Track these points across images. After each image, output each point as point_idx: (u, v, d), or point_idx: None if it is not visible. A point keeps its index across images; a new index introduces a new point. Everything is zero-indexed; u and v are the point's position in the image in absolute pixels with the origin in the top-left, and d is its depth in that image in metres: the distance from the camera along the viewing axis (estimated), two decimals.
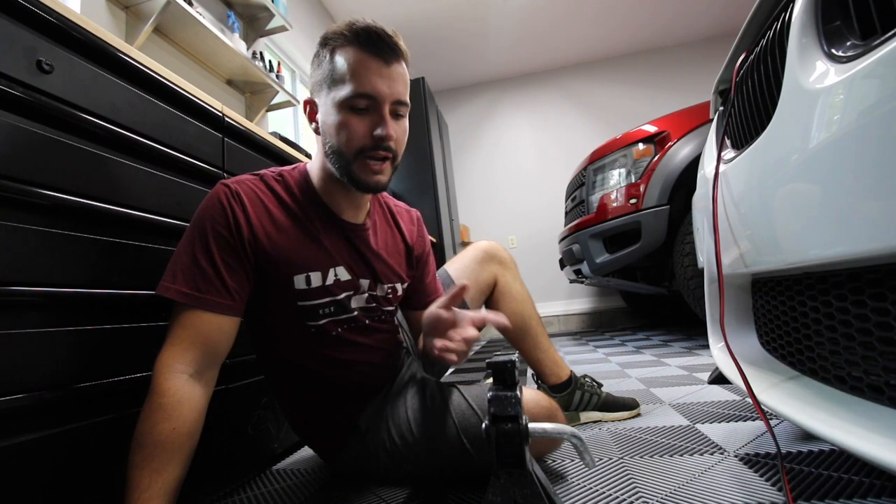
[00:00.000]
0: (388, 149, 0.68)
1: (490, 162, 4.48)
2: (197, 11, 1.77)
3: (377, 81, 0.65)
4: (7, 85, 0.53)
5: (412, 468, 0.77)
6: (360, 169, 0.68)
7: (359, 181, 0.69)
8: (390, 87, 0.66)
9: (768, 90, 0.58)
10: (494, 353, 2.60)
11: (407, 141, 0.73)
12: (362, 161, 0.67)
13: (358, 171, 0.68)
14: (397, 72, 0.68)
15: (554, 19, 3.71)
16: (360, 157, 0.67)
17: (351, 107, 0.66)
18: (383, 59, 0.66)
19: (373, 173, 0.68)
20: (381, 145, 0.67)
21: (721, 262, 0.71)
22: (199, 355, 0.60)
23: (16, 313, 0.52)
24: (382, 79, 0.66)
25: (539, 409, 0.74)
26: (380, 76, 0.65)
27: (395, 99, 0.67)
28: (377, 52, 0.65)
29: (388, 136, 0.66)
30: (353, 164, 0.68)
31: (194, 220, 0.65)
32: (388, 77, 0.66)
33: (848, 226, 0.40)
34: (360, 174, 0.68)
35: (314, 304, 0.71)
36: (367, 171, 0.68)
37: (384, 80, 0.66)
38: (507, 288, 1.04)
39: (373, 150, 0.67)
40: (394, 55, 0.67)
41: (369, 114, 0.66)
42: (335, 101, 0.67)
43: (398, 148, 0.70)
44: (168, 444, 0.54)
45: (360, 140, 0.66)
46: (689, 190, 1.90)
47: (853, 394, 0.46)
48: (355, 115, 0.66)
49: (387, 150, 0.68)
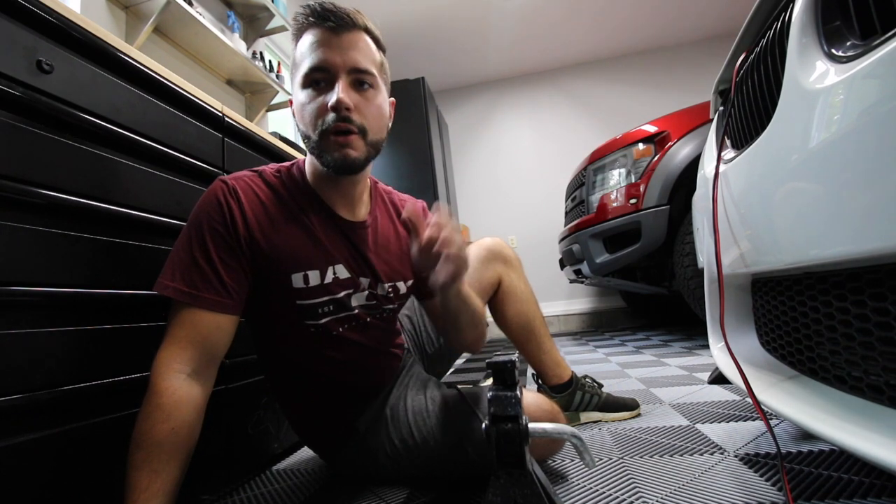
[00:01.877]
0: (348, 119, 0.64)
1: (490, 162, 4.48)
2: (197, 11, 1.77)
3: (326, 52, 0.64)
4: (7, 85, 0.53)
5: (412, 468, 0.77)
6: (326, 147, 0.65)
7: (329, 161, 0.66)
8: (342, 55, 0.64)
9: (768, 90, 0.58)
10: (494, 353, 2.59)
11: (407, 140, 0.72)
12: (326, 139, 0.65)
13: (325, 150, 0.66)
14: (350, 40, 0.65)
15: (554, 19, 3.71)
16: (324, 137, 0.65)
17: (309, 84, 0.65)
18: (332, 31, 0.64)
19: (339, 146, 0.65)
20: (339, 115, 0.64)
21: (721, 262, 0.71)
22: (197, 354, 0.60)
23: (16, 313, 0.52)
24: (332, 48, 0.64)
25: (541, 412, 0.73)
26: (329, 46, 0.64)
27: (350, 67, 0.65)
28: (324, 23, 0.64)
29: (340, 101, 0.63)
30: (321, 144, 0.66)
31: (192, 217, 0.65)
32: (340, 46, 0.64)
33: (848, 226, 0.40)
34: (328, 152, 0.65)
35: (313, 304, 0.70)
36: (333, 146, 0.65)
37: (334, 49, 0.64)
38: (511, 288, 1.02)
39: (333, 123, 0.64)
40: (344, 24, 0.65)
41: (327, 88, 0.65)
42: (297, 86, 0.67)
43: (363, 119, 0.66)
44: (167, 444, 0.54)
45: (319, 116, 0.64)
46: (689, 190, 1.90)
47: (853, 394, 0.46)
48: (312, 92, 0.65)
49: (346, 120, 0.64)
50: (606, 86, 4.35)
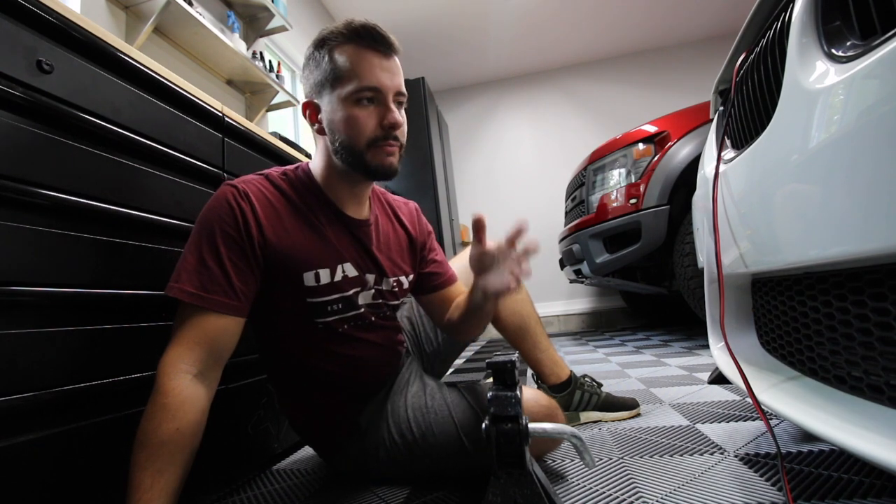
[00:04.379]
0: (397, 137, 0.71)
1: (490, 162, 4.48)
2: (197, 11, 1.77)
3: (380, 74, 0.68)
4: (7, 85, 0.53)
5: (412, 467, 0.77)
6: (373, 157, 0.70)
7: (374, 168, 0.71)
8: (392, 79, 0.70)
9: (768, 90, 0.58)
10: (494, 353, 2.60)
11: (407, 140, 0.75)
12: (375, 150, 0.70)
13: (372, 159, 0.70)
14: (396, 65, 0.71)
15: (554, 19, 3.71)
16: (371, 147, 0.69)
17: (357, 100, 0.68)
18: (383, 53, 0.70)
19: (387, 156, 0.70)
20: (391, 134, 0.70)
21: (721, 262, 0.71)
22: (203, 355, 0.60)
23: (16, 313, 0.52)
24: (384, 71, 0.69)
25: (539, 408, 0.74)
26: (382, 69, 0.69)
27: (396, 90, 0.70)
28: (376, 46, 0.69)
29: (398, 122, 0.70)
30: (366, 154, 0.70)
31: (201, 221, 0.65)
32: (389, 70, 0.70)
33: (848, 226, 0.40)
34: (376, 160, 0.70)
35: (323, 301, 0.72)
36: (382, 155, 0.70)
37: (386, 72, 0.69)
38: None
39: (384, 139, 0.69)
40: (391, 49, 0.71)
41: (375, 106, 0.69)
42: (341, 98, 0.69)
43: (403, 137, 0.73)
44: (171, 444, 0.54)
45: (370, 131, 0.69)
46: (689, 190, 1.90)
47: (853, 394, 0.46)
48: (362, 109, 0.69)
49: (396, 138, 0.71)
50: (606, 86, 4.35)
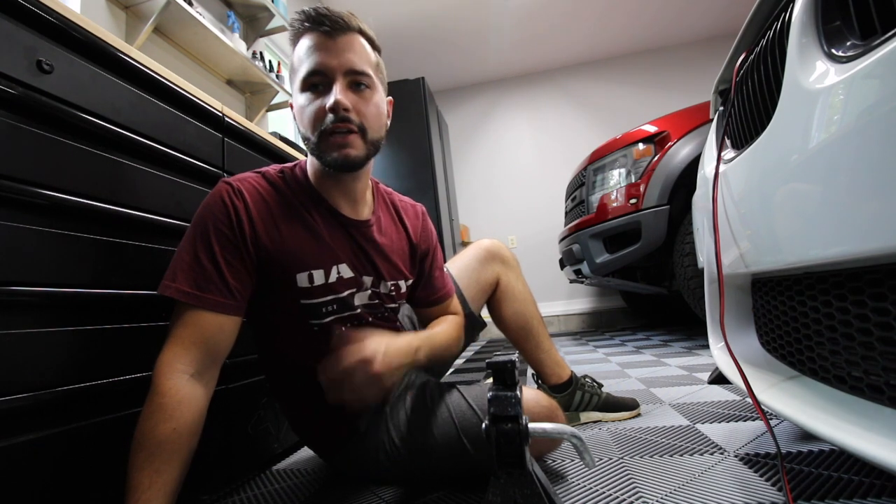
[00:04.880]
0: (347, 119, 0.66)
1: (490, 162, 4.48)
2: (197, 11, 1.77)
3: (322, 55, 0.66)
4: (7, 85, 0.53)
5: (412, 468, 0.77)
6: (326, 148, 0.67)
7: (329, 160, 0.67)
8: (339, 58, 0.66)
9: (768, 90, 0.58)
10: (494, 353, 2.60)
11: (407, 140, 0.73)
12: (325, 139, 0.67)
13: (325, 150, 0.67)
14: (345, 42, 0.67)
15: (554, 19, 3.71)
16: (324, 137, 0.66)
17: (307, 88, 0.67)
18: (326, 34, 0.66)
19: (339, 147, 0.66)
20: (337, 116, 0.65)
21: (721, 262, 0.71)
22: (199, 355, 0.60)
23: (16, 313, 0.52)
24: (328, 52, 0.66)
25: (539, 408, 0.74)
26: (325, 49, 0.66)
27: (346, 69, 0.66)
28: (319, 27, 0.66)
29: (338, 103, 0.64)
30: (321, 145, 0.67)
31: (196, 219, 0.65)
32: (335, 49, 0.66)
33: (848, 226, 0.40)
34: (328, 152, 0.67)
35: (317, 303, 0.71)
36: (333, 146, 0.67)
37: (329, 52, 0.66)
38: (509, 288, 1.04)
39: (332, 124, 0.66)
40: (339, 27, 0.67)
41: (324, 91, 0.66)
42: (296, 90, 0.68)
43: (363, 119, 0.68)
44: (169, 444, 0.54)
45: (318, 118, 0.66)
46: (689, 190, 1.90)
47: (853, 394, 0.46)
48: (311, 94, 0.67)
49: (345, 120, 0.66)
50: (606, 86, 4.34)
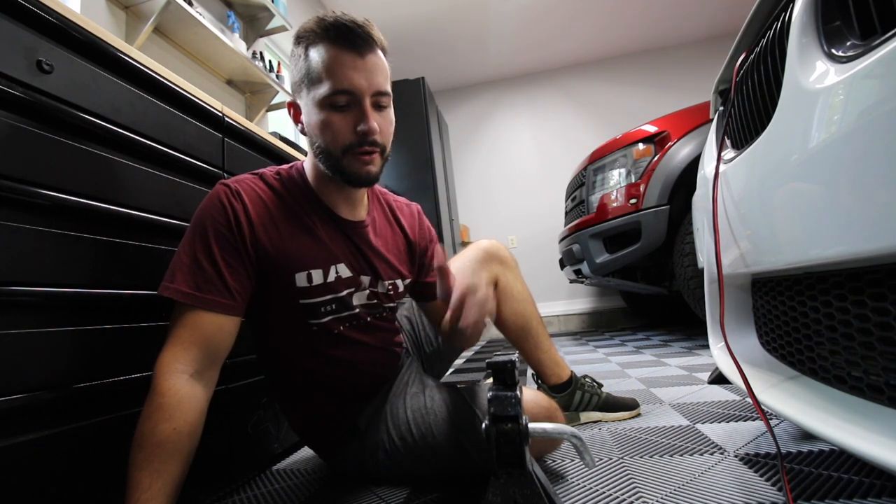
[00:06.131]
0: (374, 143, 0.67)
1: (490, 162, 4.48)
2: (197, 11, 1.77)
3: (353, 75, 0.64)
4: (7, 85, 0.53)
5: (411, 468, 0.77)
6: (349, 164, 0.68)
7: (350, 176, 0.69)
8: (367, 79, 0.65)
9: (768, 90, 0.58)
10: (494, 353, 2.60)
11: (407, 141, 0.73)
12: (350, 157, 0.67)
13: (348, 167, 0.68)
14: (373, 62, 0.66)
15: (554, 19, 3.71)
16: (347, 154, 0.67)
17: (331, 104, 0.65)
18: (357, 52, 0.65)
19: (363, 165, 0.68)
20: (366, 140, 0.66)
21: (721, 262, 0.71)
22: (199, 355, 0.60)
23: (16, 313, 0.52)
24: (358, 72, 0.65)
25: (539, 409, 0.74)
26: (355, 69, 0.64)
27: (374, 91, 0.66)
28: (349, 45, 0.64)
29: (372, 130, 0.66)
30: (342, 160, 0.68)
31: (195, 220, 0.65)
32: (364, 69, 0.65)
33: (848, 226, 0.40)
34: (350, 169, 0.68)
35: (316, 302, 0.71)
36: (357, 163, 0.68)
37: (360, 72, 0.65)
38: (508, 288, 1.03)
39: (359, 146, 0.66)
40: (367, 46, 0.65)
41: (351, 110, 0.66)
42: (315, 101, 0.66)
43: (384, 140, 0.69)
44: (169, 444, 0.54)
45: (344, 138, 0.66)
46: (689, 190, 1.89)
47: (853, 394, 0.46)
48: (337, 113, 0.66)
49: (373, 144, 0.67)
50: (606, 86, 4.34)
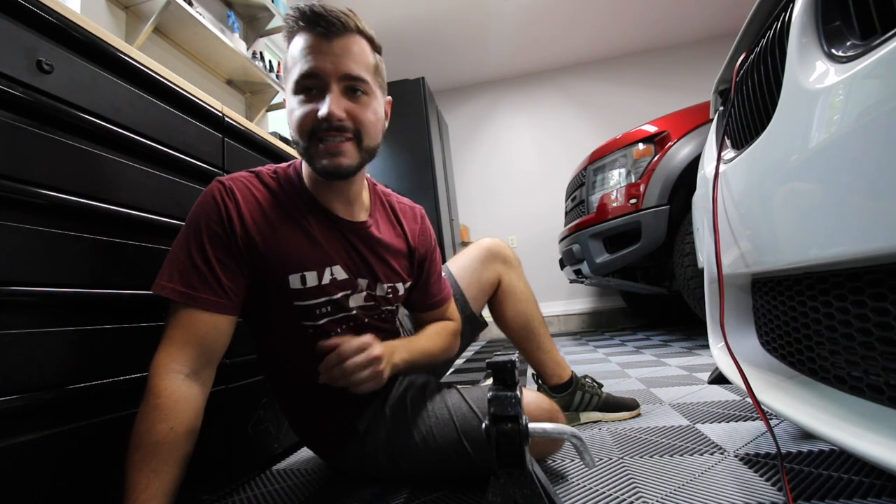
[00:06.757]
0: (341, 128, 0.64)
1: (490, 162, 4.48)
2: (197, 11, 1.77)
3: (318, 58, 0.62)
4: (7, 85, 0.53)
5: (411, 469, 0.77)
6: (316, 154, 0.65)
7: (319, 168, 0.65)
8: (334, 62, 0.63)
9: (768, 90, 0.58)
10: (494, 353, 2.60)
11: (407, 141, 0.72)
12: (315, 145, 0.64)
13: (315, 157, 0.65)
14: (342, 45, 0.63)
15: (554, 19, 3.71)
16: (313, 141, 0.64)
17: (300, 91, 0.64)
18: (324, 36, 0.63)
19: (329, 155, 0.64)
20: (329, 124, 0.63)
21: (721, 262, 0.71)
22: (195, 354, 0.60)
23: (16, 313, 0.52)
24: (323, 55, 0.62)
25: (540, 411, 0.73)
26: (320, 52, 0.62)
27: (341, 74, 0.63)
28: (315, 28, 0.63)
29: (331, 114, 0.62)
30: (309, 149, 0.65)
31: (189, 218, 0.65)
32: (331, 52, 0.63)
33: (848, 226, 0.40)
34: (318, 159, 0.65)
35: (310, 305, 0.70)
36: (323, 153, 0.64)
37: (326, 55, 0.62)
38: (510, 288, 1.03)
39: (323, 131, 0.63)
40: (336, 29, 0.63)
41: (318, 94, 0.63)
42: (290, 90, 0.66)
43: (359, 126, 0.65)
44: (165, 444, 0.54)
45: (307, 122, 0.63)
46: (689, 190, 1.90)
47: (853, 394, 0.46)
48: (304, 99, 0.64)
49: (338, 129, 0.64)
50: (606, 86, 4.34)
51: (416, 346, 0.77)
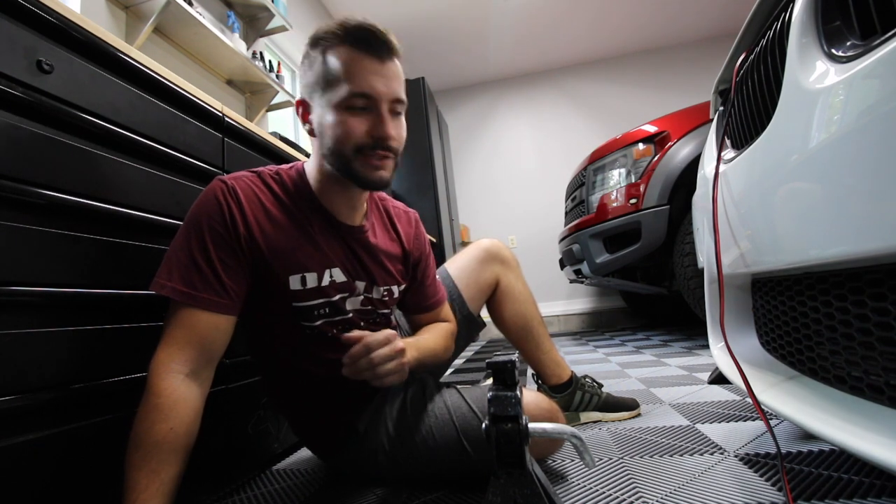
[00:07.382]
0: (389, 148, 0.67)
1: (490, 162, 4.48)
2: (197, 11, 1.77)
3: (374, 80, 0.64)
4: (7, 85, 0.53)
5: (411, 469, 0.77)
6: (361, 166, 0.67)
7: (361, 178, 0.68)
8: (387, 85, 0.65)
9: (768, 90, 0.58)
10: (494, 353, 2.60)
11: (407, 140, 0.73)
12: (363, 158, 0.66)
13: (359, 169, 0.67)
14: (392, 69, 0.67)
15: (554, 19, 3.71)
16: (359, 155, 0.66)
17: (348, 107, 0.65)
18: (378, 57, 0.65)
19: (374, 169, 0.67)
20: (381, 145, 0.66)
21: (721, 262, 0.71)
22: (194, 354, 0.60)
23: (16, 313, 0.52)
24: (378, 77, 0.65)
25: (539, 411, 0.73)
26: (375, 74, 0.64)
27: (392, 97, 0.66)
28: (371, 50, 0.64)
29: (388, 136, 0.66)
30: (354, 162, 0.67)
31: (190, 217, 0.65)
32: (384, 75, 0.65)
33: (848, 226, 0.40)
34: (362, 171, 0.67)
35: (309, 306, 0.70)
36: (369, 167, 0.67)
37: (380, 78, 0.65)
38: (509, 288, 1.03)
39: (372, 149, 0.66)
40: (388, 52, 0.66)
41: (367, 113, 0.66)
42: (332, 103, 0.66)
43: (399, 146, 0.69)
44: (165, 444, 0.54)
45: (358, 139, 0.65)
46: (689, 190, 1.90)
47: (853, 394, 0.46)
48: (353, 115, 0.65)
49: (388, 149, 0.67)
50: (606, 86, 4.35)
51: (424, 345, 0.77)
